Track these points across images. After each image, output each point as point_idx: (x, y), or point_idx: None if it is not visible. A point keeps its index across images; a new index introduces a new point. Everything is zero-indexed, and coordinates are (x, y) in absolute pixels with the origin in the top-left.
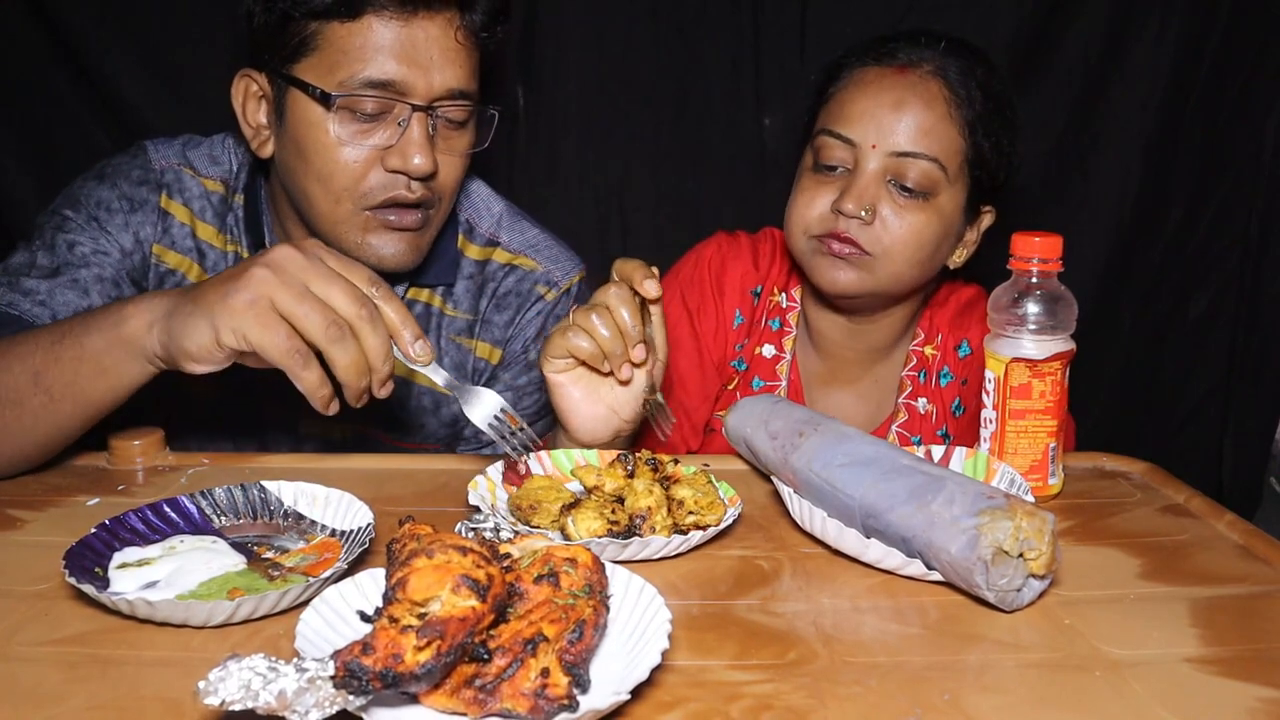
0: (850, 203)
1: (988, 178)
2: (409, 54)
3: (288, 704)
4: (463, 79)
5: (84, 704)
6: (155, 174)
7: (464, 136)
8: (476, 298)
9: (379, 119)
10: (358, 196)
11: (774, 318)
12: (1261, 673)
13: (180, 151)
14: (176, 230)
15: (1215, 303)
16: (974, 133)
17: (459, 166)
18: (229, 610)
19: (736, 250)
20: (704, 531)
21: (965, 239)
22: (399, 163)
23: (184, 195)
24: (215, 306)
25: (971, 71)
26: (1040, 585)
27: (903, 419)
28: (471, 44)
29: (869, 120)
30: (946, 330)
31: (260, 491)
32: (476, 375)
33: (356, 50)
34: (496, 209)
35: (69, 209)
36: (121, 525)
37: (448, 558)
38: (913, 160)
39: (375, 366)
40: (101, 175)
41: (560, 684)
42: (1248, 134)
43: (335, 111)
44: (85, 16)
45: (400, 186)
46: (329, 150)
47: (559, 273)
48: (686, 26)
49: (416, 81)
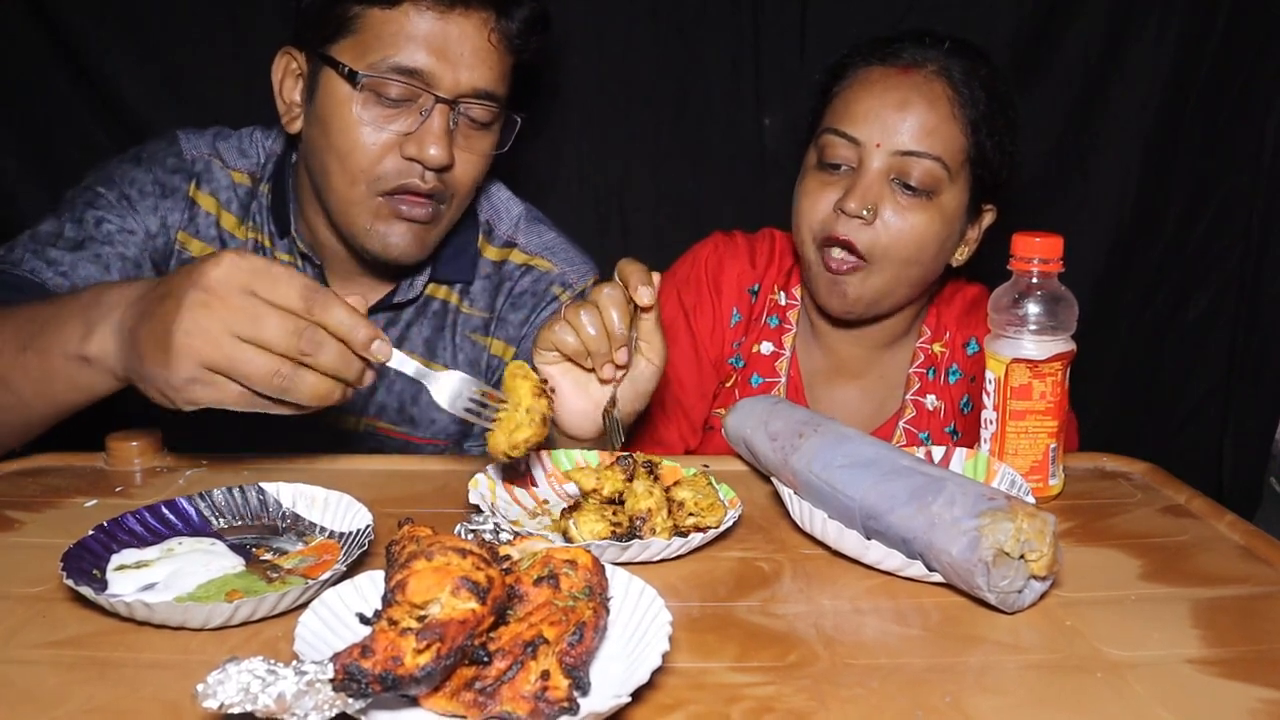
0: (853, 202)
1: (990, 176)
2: (440, 47)
3: (287, 707)
4: (490, 80)
5: (82, 706)
6: (187, 163)
7: (486, 138)
8: (493, 296)
9: (403, 106)
10: (372, 179)
11: (772, 315)
12: (1262, 674)
13: (211, 143)
14: (202, 219)
15: (1215, 303)
16: (977, 132)
17: (477, 166)
18: (227, 612)
19: (733, 250)
20: (704, 533)
21: (967, 237)
22: (415, 150)
23: (212, 185)
24: (160, 381)
25: (975, 71)
26: (1041, 586)
27: (910, 415)
28: (504, 48)
29: (874, 119)
30: (954, 327)
31: (259, 493)
32: (490, 372)
33: (390, 36)
34: (516, 211)
35: (102, 185)
36: (119, 527)
37: (447, 560)
38: (916, 159)
39: (341, 377)
40: (138, 159)
41: (560, 686)
42: (1248, 134)
43: (361, 91)
44: (85, 16)
45: (414, 175)
46: (350, 129)
47: (574, 275)
48: (686, 26)
49: (444, 74)
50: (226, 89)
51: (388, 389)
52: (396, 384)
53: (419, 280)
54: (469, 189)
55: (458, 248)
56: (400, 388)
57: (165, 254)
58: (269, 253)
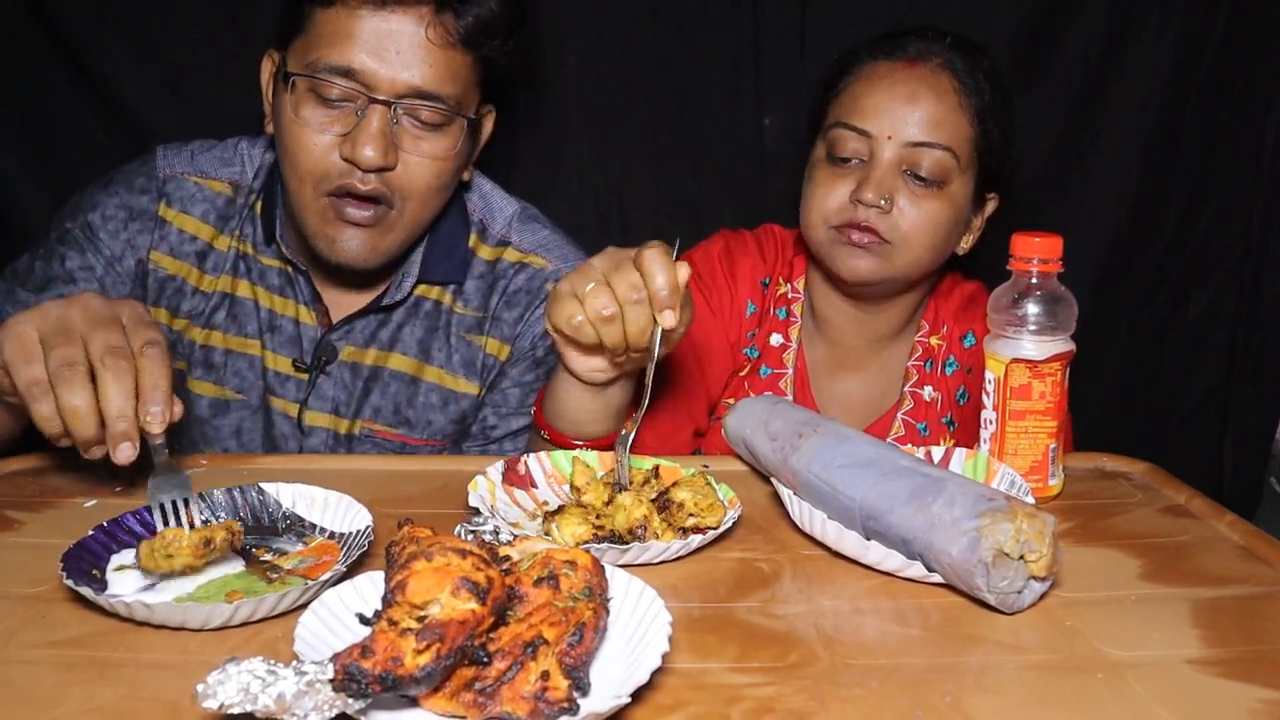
0: (870, 192)
1: (995, 165)
2: (375, 46)
3: (286, 707)
4: (432, 79)
5: (81, 706)
6: (158, 182)
7: (440, 140)
8: (487, 295)
9: (342, 106)
10: (317, 179)
11: (780, 307)
12: (1262, 674)
13: (189, 158)
14: (174, 237)
15: (1215, 303)
16: (983, 121)
17: (430, 169)
18: (227, 613)
19: (743, 245)
20: (703, 535)
21: (973, 225)
22: (349, 151)
23: (184, 202)
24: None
25: (978, 64)
26: (1041, 587)
27: (909, 406)
28: (450, 45)
29: (883, 112)
30: (952, 322)
31: (258, 494)
32: (485, 371)
33: (328, 35)
34: (510, 210)
35: (69, 219)
36: (119, 527)
37: (447, 560)
38: (927, 150)
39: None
40: (108, 182)
41: (560, 687)
42: (1248, 134)
43: (294, 93)
44: (85, 16)
45: (354, 176)
46: (291, 129)
47: (568, 271)
48: (686, 26)
49: (380, 74)
50: (226, 89)
51: (382, 391)
52: (391, 386)
53: (407, 282)
54: (424, 193)
55: (447, 248)
56: (395, 389)
57: (140, 275)
58: (253, 260)
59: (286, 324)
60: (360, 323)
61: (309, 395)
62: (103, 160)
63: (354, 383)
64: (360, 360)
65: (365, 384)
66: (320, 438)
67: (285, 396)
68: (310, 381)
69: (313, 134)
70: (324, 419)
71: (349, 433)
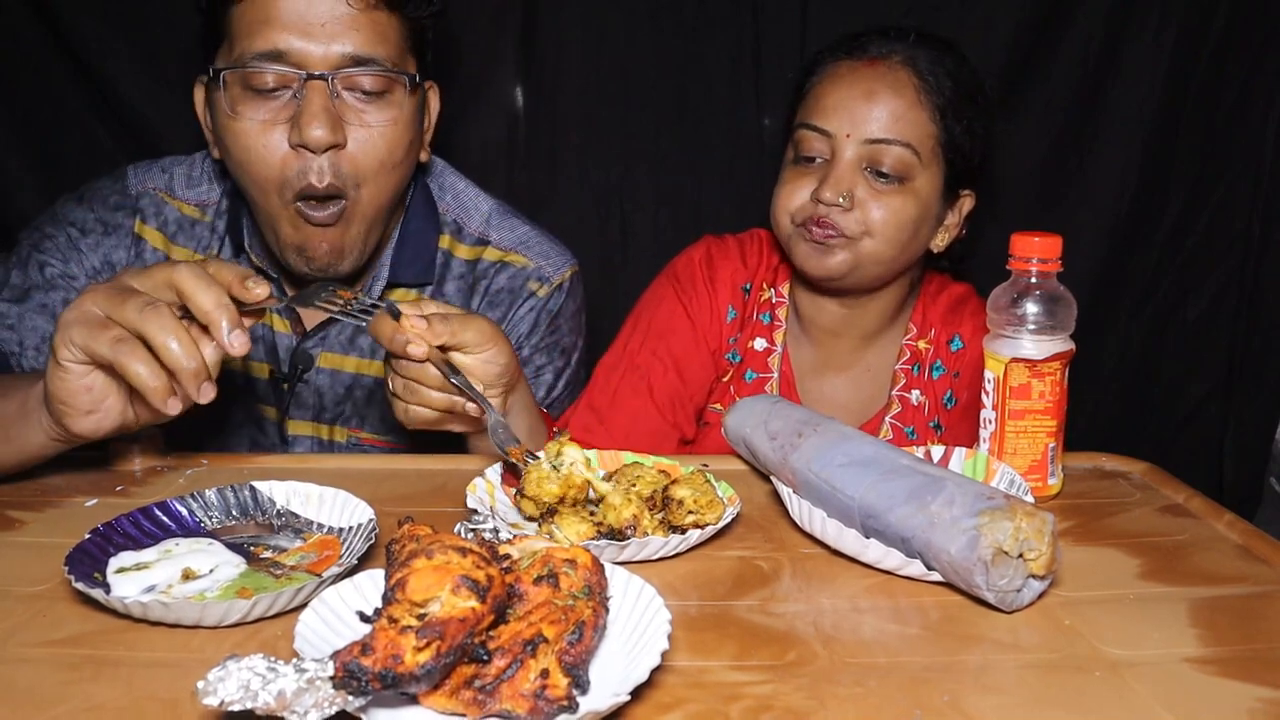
0: (829, 191)
1: (962, 161)
2: (298, 23)
3: (287, 704)
4: (363, 44)
5: (82, 705)
6: (131, 199)
7: (386, 109)
8: (468, 297)
9: (280, 95)
10: (279, 186)
11: (764, 312)
12: (1261, 673)
13: (160, 176)
14: (150, 255)
15: (1215, 303)
16: (945, 117)
17: (383, 141)
18: (244, 609)
19: (724, 250)
20: (702, 530)
21: (946, 222)
22: (296, 137)
23: (159, 220)
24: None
25: (940, 60)
26: (1040, 586)
27: (896, 410)
28: (370, 7)
29: (842, 111)
30: (939, 325)
31: (250, 492)
32: None
33: (249, 26)
34: (485, 207)
35: (49, 226)
36: (114, 530)
37: (447, 558)
38: (886, 146)
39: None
40: (81, 197)
41: (560, 685)
42: (1248, 134)
43: (228, 91)
44: (86, 16)
45: (310, 173)
46: (238, 136)
47: (550, 268)
48: (686, 26)
49: (308, 49)
50: None
51: (367, 398)
52: (376, 393)
53: (377, 286)
54: (378, 170)
55: (415, 250)
56: (380, 396)
57: None
58: None
59: (263, 333)
60: (335, 329)
61: (289, 404)
62: (103, 160)
63: (335, 390)
64: (340, 368)
65: (348, 391)
66: (305, 446)
67: (267, 405)
68: (289, 390)
69: (258, 135)
70: (306, 427)
71: (334, 440)
